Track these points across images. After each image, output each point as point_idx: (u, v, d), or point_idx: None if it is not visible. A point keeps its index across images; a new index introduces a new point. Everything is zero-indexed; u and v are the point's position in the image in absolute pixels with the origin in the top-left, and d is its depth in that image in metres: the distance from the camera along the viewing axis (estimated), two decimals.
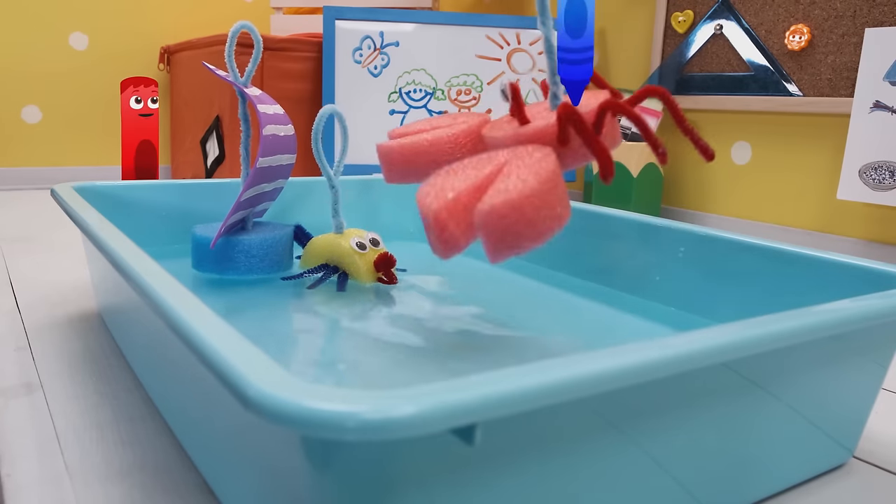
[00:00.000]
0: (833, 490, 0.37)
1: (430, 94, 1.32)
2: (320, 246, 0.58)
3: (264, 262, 0.57)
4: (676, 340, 0.26)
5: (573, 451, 0.27)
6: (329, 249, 0.57)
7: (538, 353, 0.45)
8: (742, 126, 1.19)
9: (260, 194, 0.57)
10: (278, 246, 0.57)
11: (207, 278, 0.57)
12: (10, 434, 0.39)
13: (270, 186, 0.58)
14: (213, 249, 0.55)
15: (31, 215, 1.10)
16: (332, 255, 0.57)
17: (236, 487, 0.30)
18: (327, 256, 0.57)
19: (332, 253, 0.57)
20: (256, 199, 0.57)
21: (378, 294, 0.56)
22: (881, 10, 1.00)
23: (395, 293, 0.56)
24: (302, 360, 0.42)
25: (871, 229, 1.04)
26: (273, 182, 0.58)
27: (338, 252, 0.56)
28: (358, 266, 0.56)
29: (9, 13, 1.42)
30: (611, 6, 1.42)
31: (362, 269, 0.56)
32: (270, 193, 0.60)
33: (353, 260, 0.56)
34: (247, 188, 0.53)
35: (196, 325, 0.25)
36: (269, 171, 0.55)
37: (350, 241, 0.56)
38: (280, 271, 0.58)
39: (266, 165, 0.54)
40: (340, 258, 0.56)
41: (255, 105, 0.54)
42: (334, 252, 0.57)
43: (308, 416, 0.19)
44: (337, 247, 0.57)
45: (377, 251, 0.57)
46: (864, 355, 0.36)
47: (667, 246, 0.54)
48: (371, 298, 0.54)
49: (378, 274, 0.56)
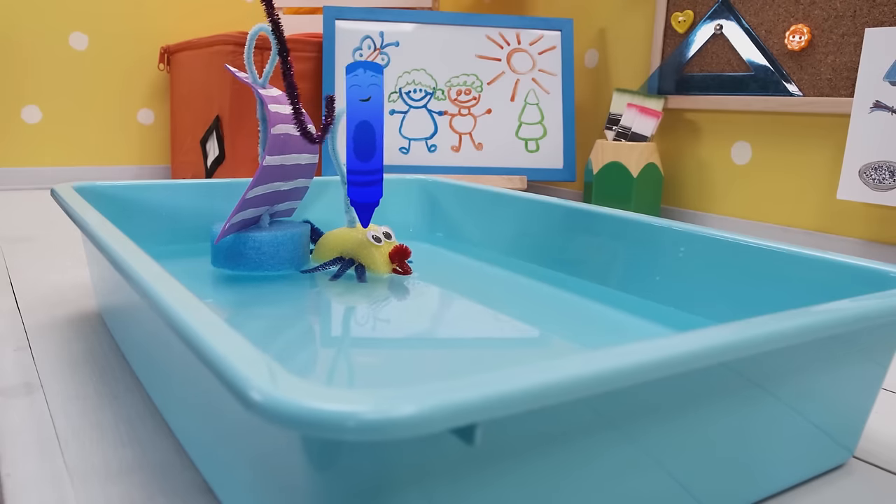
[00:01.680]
0: (833, 490, 0.37)
1: (430, 94, 1.32)
2: (335, 240, 0.60)
3: (275, 258, 0.57)
4: (676, 340, 0.26)
5: (573, 451, 0.27)
6: (344, 242, 0.59)
7: (538, 353, 0.45)
8: (742, 126, 1.19)
9: (275, 192, 0.57)
10: (290, 243, 0.58)
11: (226, 274, 0.59)
12: (10, 434, 0.39)
13: (289, 185, 0.59)
14: (227, 246, 0.57)
15: (31, 215, 1.10)
16: (347, 247, 0.59)
17: (236, 487, 0.30)
18: (341, 249, 0.59)
19: (347, 246, 0.59)
20: (271, 198, 0.58)
21: (390, 287, 0.56)
22: (881, 10, 1.00)
23: (392, 291, 0.56)
24: (302, 360, 0.42)
25: (871, 229, 1.04)
26: (292, 181, 0.59)
27: (354, 245, 0.59)
28: (375, 257, 0.58)
29: (9, 13, 1.42)
30: (611, 6, 1.42)
31: (379, 260, 0.58)
32: (291, 192, 0.60)
33: (369, 252, 0.58)
34: (252, 186, 0.53)
35: (196, 325, 0.25)
36: (279, 169, 0.56)
37: (366, 233, 0.58)
38: (292, 269, 0.59)
39: (276, 164, 0.55)
40: (356, 250, 0.59)
41: (267, 104, 0.55)
42: (350, 245, 0.59)
43: (308, 417, 0.19)
44: (353, 240, 0.59)
45: (391, 243, 0.59)
46: (864, 355, 0.36)
47: (667, 246, 0.54)
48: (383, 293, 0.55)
49: (393, 265, 0.58)
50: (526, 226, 0.65)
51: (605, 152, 1.22)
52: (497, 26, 1.35)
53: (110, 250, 0.36)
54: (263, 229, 0.58)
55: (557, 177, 1.33)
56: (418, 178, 0.80)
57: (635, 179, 1.20)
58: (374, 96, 0.56)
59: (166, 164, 1.60)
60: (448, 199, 0.77)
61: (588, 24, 1.47)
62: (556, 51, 1.36)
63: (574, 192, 1.51)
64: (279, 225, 0.60)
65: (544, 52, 1.35)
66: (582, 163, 1.49)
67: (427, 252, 0.71)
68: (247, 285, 0.56)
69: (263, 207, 0.58)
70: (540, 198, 0.66)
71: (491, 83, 1.34)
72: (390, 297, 0.55)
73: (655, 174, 1.22)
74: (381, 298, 0.55)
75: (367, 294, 0.55)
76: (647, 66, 1.35)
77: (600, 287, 0.59)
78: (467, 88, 1.33)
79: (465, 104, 1.33)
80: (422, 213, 0.79)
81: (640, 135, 1.24)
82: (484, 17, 1.35)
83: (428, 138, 1.31)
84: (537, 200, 0.65)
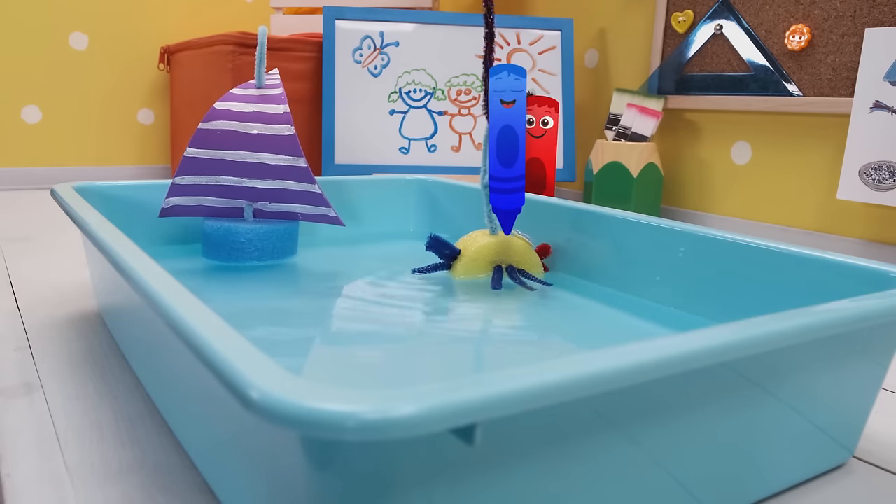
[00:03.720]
0: (833, 490, 0.37)
1: (430, 94, 1.32)
2: (488, 248, 0.58)
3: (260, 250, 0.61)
4: (676, 340, 0.26)
5: (573, 451, 0.27)
6: (499, 250, 0.58)
7: (538, 353, 0.45)
8: (742, 126, 1.19)
9: (236, 187, 0.60)
10: (272, 236, 0.62)
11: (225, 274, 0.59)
12: (10, 434, 0.39)
13: (263, 184, 0.59)
14: (214, 238, 0.60)
15: (31, 215, 1.10)
16: (502, 255, 0.58)
17: (236, 487, 0.30)
18: (494, 258, 0.58)
19: (502, 253, 0.58)
20: (232, 192, 0.61)
21: (390, 287, 0.56)
22: (881, 10, 1.00)
23: (392, 291, 0.56)
24: (302, 359, 0.42)
25: (871, 229, 1.04)
26: (265, 180, 0.59)
27: (511, 251, 0.58)
28: (536, 261, 0.59)
29: (9, 13, 1.42)
30: (611, 6, 1.42)
31: (537, 263, 0.60)
32: (275, 193, 0.60)
33: (531, 256, 0.59)
34: (177, 174, 0.59)
35: (196, 325, 0.25)
36: (216, 164, 0.59)
37: (522, 237, 0.59)
38: (277, 259, 0.62)
39: (197, 157, 0.59)
40: (516, 256, 0.59)
41: (216, 102, 0.59)
42: (505, 251, 0.58)
43: (307, 416, 0.19)
44: (511, 246, 0.58)
45: (531, 244, 0.60)
46: (864, 355, 0.36)
47: (667, 246, 0.54)
48: (383, 292, 0.54)
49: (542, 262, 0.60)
50: (526, 226, 0.65)
51: (605, 152, 1.22)
52: (497, 26, 1.35)
53: (110, 250, 0.36)
54: (248, 223, 0.61)
55: (557, 177, 1.33)
56: (418, 178, 0.80)
57: (635, 179, 1.20)
58: (518, 101, 0.55)
59: (166, 164, 1.60)
60: (448, 199, 0.77)
61: (588, 24, 1.47)
62: (556, 51, 1.36)
63: (574, 192, 1.51)
64: (266, 221, 0.63)
65: (544, 52, 1.35)
66: (582, 163, 1.49)
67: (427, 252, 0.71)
68: (247, 285, 0.56)
69: (232, 200, 0.61)
70: (540, 198, 0.66)
71: None
72: (390, 297, 0.55)
73: (655, 174, 1.22)
74: (382, 298, 0.55)
75: (367, 293, 0.55)
76: (647, 66, 1.35)
77: (600, 287, 0.59)
78: (467, 88, 1.33)
79: (465, 104, 1.33)
80: (422, 213, 0.79)
81: (640, 135, 1.24)
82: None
83: (428, 138, 1.31)
84: (537, 200, 0.65)
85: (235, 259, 0.61)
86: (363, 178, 0.77)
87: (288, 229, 0.62)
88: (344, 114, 1.29)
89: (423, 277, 0.60)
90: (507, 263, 0.58)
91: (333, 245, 0.72)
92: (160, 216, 0.61)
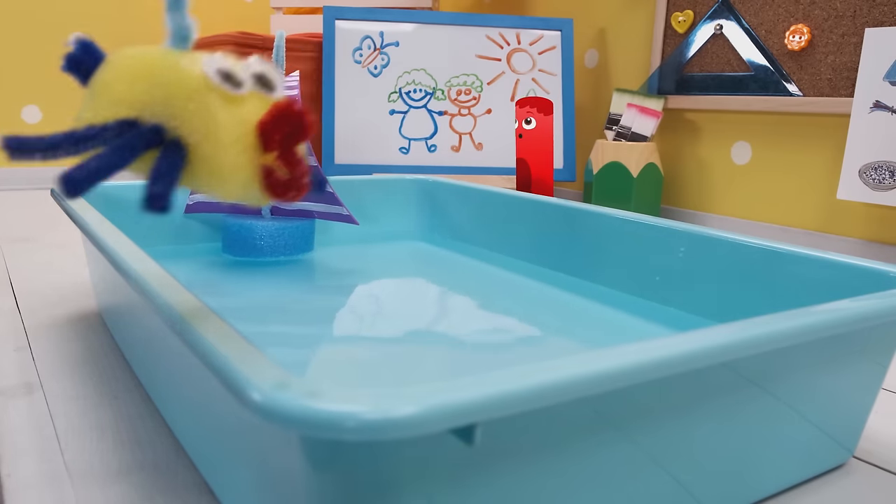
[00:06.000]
0: (833, 490, 0.37)
1: (430, 94, 1.32)
2: (133, 71, 0.27)
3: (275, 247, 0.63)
4: (676, 340, 0.26)
5: (573, 450, 0.27)
6: (153, 81, 0.26)
7: (538, 353, 0.45)
8: (742, 126, 1.19)
9: None
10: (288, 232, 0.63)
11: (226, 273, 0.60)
12: (10, 434, 0.39)
13: None
14: (232, 234, 0.62)
15: (31, 215, 1.10)
16: (156, 95, 0.26)
17: (236, 487, 0.30)
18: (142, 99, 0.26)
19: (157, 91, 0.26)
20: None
21: (390, 286, 0.56)
22: (881, 10, 1.00)
23: (392, 290, 0.56)
24: (302, 359, 0.42)
25: (871, 229, 1.04)
26: None
27: (174, 88, 0.26)
28: (218, 130, 0.25)
29: (9, 13, 1.42)
30: (611, 6, 1.42)
31: (226, 140, 0.25)
32: None
33: (206, 112, 0.25)
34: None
35: (195, 325, 0.25)
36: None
37: (202, 64, 0.26)
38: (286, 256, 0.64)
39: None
40: (178, 104, 0.26)
41: None
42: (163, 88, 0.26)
43: (307, 417, 0.19)
44: (173, 75, 0.26)
45: (265, 101, 0.27)
46: (864, 355, 0.36)
47: (667, 246, 0.54)
48: (382, 291, 0.54)
49: (271, 162, 0.26)
50: (526, 226, 0.65)
51: (605, 152, 1.22)
52: (497, 26, 1.35)
53: (110, 250, 0.36)
54: (266, 220, 0.63)
55: (557, 177, 1.33)
56: (418, 178, 0.80)
57: (635, 179, 1.20)
58: None
59: None
60: (448, 199, 0.77)
61: (588, 24, 1.47)
62: (556, 51, 1.36)
63: (574, 192, 1.51)
64: (283, 219, 0.65)
65: (544, 52, 1.35)
66: (582, 163, 1.48)
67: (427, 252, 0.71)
68: (247, 285, 0.56)
69: None
70: (540, 198, 0.66)
71: (491, 83, 1.34)
72: (390, 296, 0.55)
73: (655, 174, 1.22)
74: (381, 297, 0.55)
75: (366, 292, 0.55)
76: (647, 66, 1.35)
77: (600, 287, 0.59)
78: (467, 88, 1.33)
79: (465, 104, 1.33)
80: (422, 213, 0.79)
81: (640, 135, 1.24)
82: (484, 17, 1.35)
83: (428, 138, 1.31)
84: (537, 200, 0.65)
85: (254, 255, 0.62)
86: (363, 178, 0.77)
87: (303, 227, 0.64)
88: (344, 114, 1.29)
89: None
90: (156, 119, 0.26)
91: (340, 244, 0.72)
92: (185, 213, 0.64)
